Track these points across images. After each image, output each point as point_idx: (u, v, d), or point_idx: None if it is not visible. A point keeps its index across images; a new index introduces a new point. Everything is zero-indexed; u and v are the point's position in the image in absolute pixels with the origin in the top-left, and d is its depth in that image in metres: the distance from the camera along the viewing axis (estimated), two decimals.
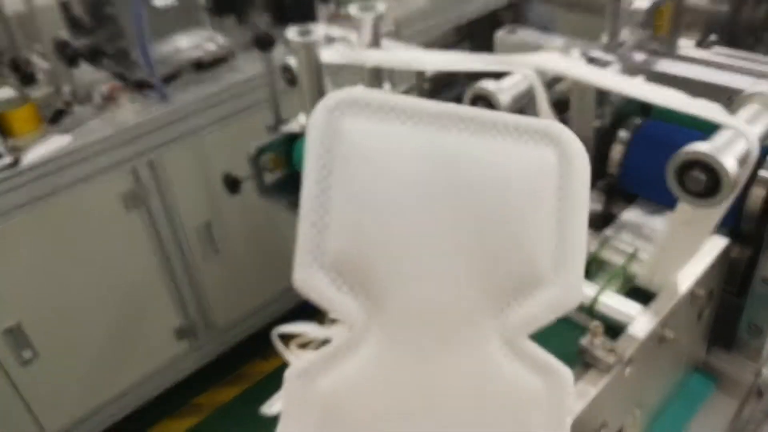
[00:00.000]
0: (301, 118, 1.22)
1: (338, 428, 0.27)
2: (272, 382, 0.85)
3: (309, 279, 0.27)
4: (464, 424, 0.27)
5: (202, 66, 2.35)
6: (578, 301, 0.26)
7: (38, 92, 2.22)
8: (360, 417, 0.27)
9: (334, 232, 0.27)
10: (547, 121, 0.26)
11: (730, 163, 0.76)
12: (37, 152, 2.00)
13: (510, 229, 0.26)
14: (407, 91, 1.31)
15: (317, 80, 1.14)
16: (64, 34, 2.29)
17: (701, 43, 1.05)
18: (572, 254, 0.26)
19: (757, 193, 0.99)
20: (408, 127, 0.27)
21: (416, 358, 0.27)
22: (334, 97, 0.27)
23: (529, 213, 0.26)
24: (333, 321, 2.09)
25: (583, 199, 0.26)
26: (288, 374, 0.29)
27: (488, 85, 0.93)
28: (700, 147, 0.79)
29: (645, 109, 1.16)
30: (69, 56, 2.14)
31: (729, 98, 0.93)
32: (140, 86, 2.25)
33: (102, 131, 2.08)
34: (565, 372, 0.27)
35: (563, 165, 0.26)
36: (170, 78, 2.27)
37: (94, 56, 2.39)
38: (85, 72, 2.29)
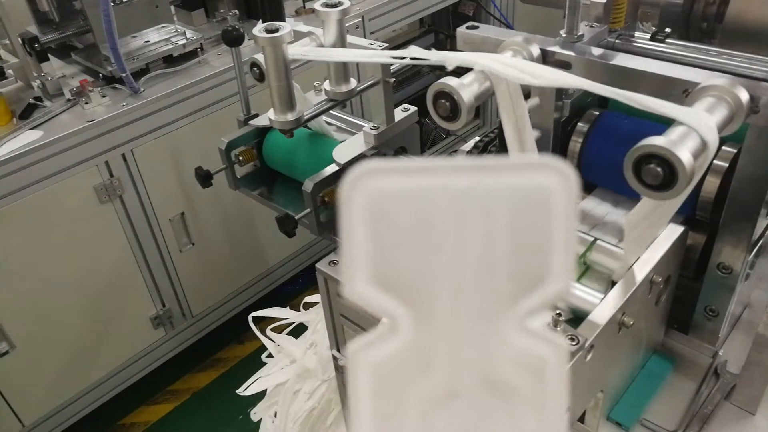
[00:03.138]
0: (271, 113, 1.23)
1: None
2: (248, 366, 0.88)
3: (356, 293, 0.34)
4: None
5: (172, 60, 2.34)
6: (571, 289, 0.33)
7: (8, 87, 2.21)
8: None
9: (376, 266, 0.34)
10: (549, 158, 0.33)
11: (686, 156, 0.78)
12: (8, 147, 1.99)
13: (533, 243, 0.33)
14: (373, 85, 1.32)
15: (284, 76, 1.15)
16: (32, 29, 2.28)
17: (656, 36, 1.08)
18: (570, 256, 0.33)
19: (711, 182, 1.02)
20: (432, 179, 0.33)
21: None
22: (362, 167, 0.33)
23: (546, 229, 0.33)
24: (307, 306, 2.12)
25: (575, 213, 0.33)
26: (351, 352, 0.35)
27: (451, 81, 0.94)
28: (656, 140, 0.79)
29: (603, 101, 1.19)
30: (38, 51, 2.12)
31: (684, 91, 0.95)
32: (110, 80, 2.24)
33: (73, 125, 2.08)
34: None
35: (564, 189, 0.33)
36: (140, 72, 2.26)
37: (63, 51, 2.37)
38: (55, 67, 2.28)
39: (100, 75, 2.27)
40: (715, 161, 1.02)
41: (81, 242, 2.25)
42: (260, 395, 2.05)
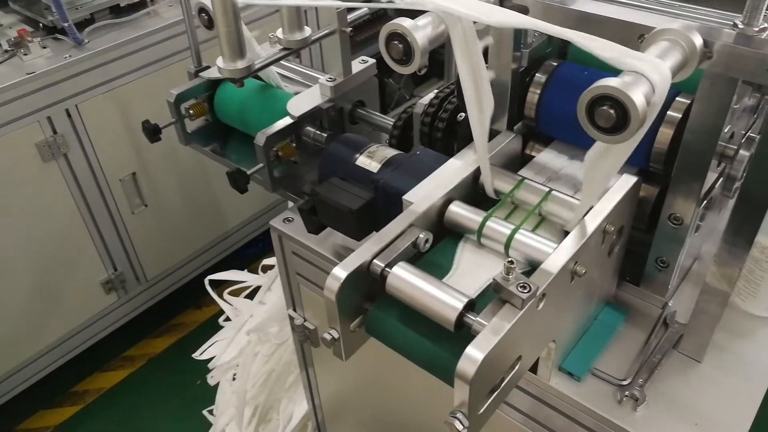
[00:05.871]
0: (220, 61, 1.18)
1: None
2: (206, 331, 0.86)
3: None
4: None
5: (120, 10, 2.25)
6: None
7: None
8: None
9: None
10: None
11: (638, 98, 0.77)
12: None
13: None
14: (329, 34, 1.29)
15: (233, 21, 1.11)
16: None
17: None
18: None
19: (664, 133, 1.02)
20: None
21: None
22: None
23: None
24: (265, 269, 2.09)
25: None
26: None
27: (404, 21, 0.91)
28: (609, 82, 0.79)
29: (562, 52, 1.17)
30: None
31: (640, 36, 0.94)
32: (52, 31, 2.14)
33: (11, 78, 1.99)
34: None
35: None
36: (85, 23, 2.17)
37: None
38: None
39: (41, 25, 2.16)
40: (668, 112, 1.02)
41: (25, 202, 2.17)
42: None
